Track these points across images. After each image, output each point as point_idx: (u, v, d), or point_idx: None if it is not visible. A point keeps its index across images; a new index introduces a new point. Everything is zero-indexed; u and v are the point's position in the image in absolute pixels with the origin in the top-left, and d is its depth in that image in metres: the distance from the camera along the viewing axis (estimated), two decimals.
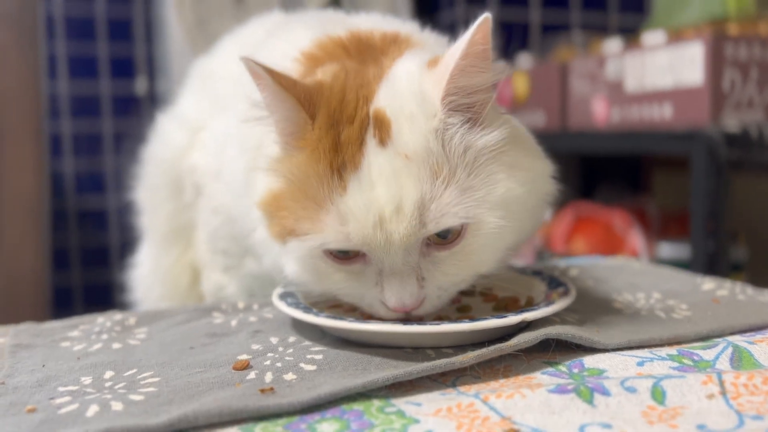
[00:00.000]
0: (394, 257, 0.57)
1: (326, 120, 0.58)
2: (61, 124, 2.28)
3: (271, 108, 0.60)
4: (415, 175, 0.56)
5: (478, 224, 0.57)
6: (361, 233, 0.56)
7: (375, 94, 0.59)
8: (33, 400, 0.50)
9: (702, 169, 1.32)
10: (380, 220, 0.55)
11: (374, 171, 0.56)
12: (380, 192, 0.56)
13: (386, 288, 0.58)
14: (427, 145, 0.57)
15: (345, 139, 0.57)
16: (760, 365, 0.54)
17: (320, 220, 0.57)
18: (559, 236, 1.74)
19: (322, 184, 0.57)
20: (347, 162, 0.57)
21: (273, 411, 0.47)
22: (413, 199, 0.55)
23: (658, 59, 1.45)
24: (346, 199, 0.56)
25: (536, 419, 0.46)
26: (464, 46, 0.56)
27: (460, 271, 0.59)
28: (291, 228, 0.59)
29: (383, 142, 0.57)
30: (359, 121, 0.58)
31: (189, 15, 1.87)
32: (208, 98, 0.84)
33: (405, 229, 0.55)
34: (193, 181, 0.82)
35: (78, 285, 2.32)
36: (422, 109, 0.58)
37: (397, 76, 0.60)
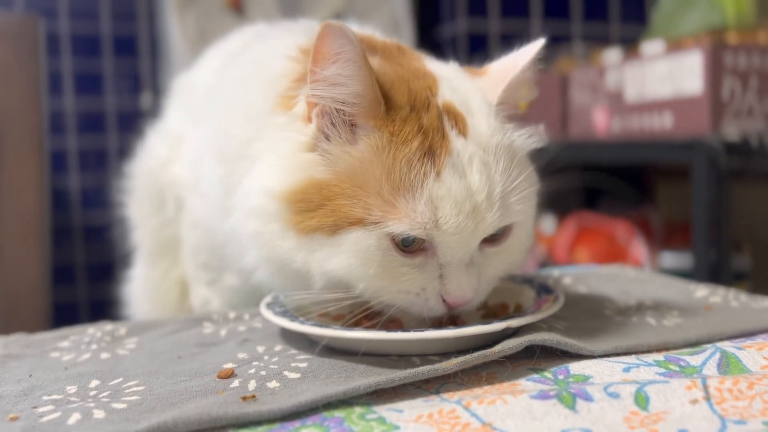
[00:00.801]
0: (470, 246, 0.58)
1: (406, 101, 0.58)
2: (67, 139, 2.30)
3: (343, 80, 0.56)
4: (495, 168, 0.58)
5: (522, 224, 0.61)
6: (456, 220, 0.56)
7: (437, 87, 0.61)
8: (16, 408, 0.51)
9: (703, 177, 1.31)
10: (474, 207, 0.56)
11: (464, 158, 0.57)
12: (473, 179, 0.57)
13: (451, 280, 0.58)
14: (498, 140, 0.59)
15: (427, 124, 0.57)
16: (748, 370, 0.54)
17: (402, 206, 0.55)
18: (561, 247, 1.74)
19: (411, 168, 0.55)
20: (436, 147, 0.56)
21: (253, 418, 0.47)
22: (499, 189, 0.57)
23: (657, 69, 1.45)
24: (441, 184, 0.55)
25: (517, 425, 0.45)
26: (528, 60, 0.61)
27: (503, 267, 0.63)
28: (358, 217, 0.55)
29: (463, 133, 0.58)
30: (435, 109, 0.59)
31: (192, 29, 1.89)
32: (189, 111, 0.84)
33: (492, 217, 0.57)
34: (174, 194, 0.82)
35: (83, 300, 2.32)
36: (488, 108, 0.61)
37: (444, 75, 0.63)
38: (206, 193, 0.72)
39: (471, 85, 0.63)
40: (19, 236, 1.43)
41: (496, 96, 0.62)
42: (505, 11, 2.12)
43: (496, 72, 0.64)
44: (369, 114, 0.57)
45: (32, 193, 1.42)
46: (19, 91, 1.35)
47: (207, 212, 0.73)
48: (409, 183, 0.55)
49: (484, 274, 0.60)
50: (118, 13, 2.31)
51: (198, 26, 1.94)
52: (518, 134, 0.62)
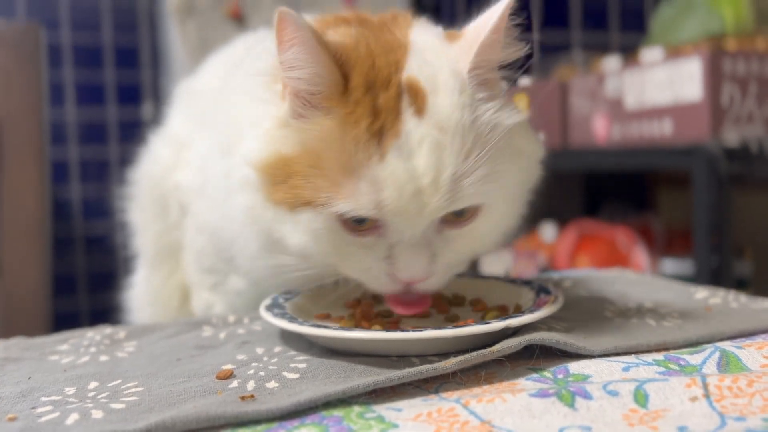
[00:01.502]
0: (416, 229, 0.57)
1: (362, 82, 0.57)
2: (69, 150, 2.30)
3: (300, 64, 0.57)
4: (450, 149, 0.56)
5: (491, 207, 0.59)
6: (397, 202, 0.55)
7: (405, 62, 0.60)
8: (15, 409, 0.51)
9: (703, 183, 1.32)
10: (417, 190, 0.56)
11: (413, 140, 0.56)
12: (419, 162, 0.56)
13: (400, 260, 0.58)
14: (461, 120, 0.57)
15: (382, 104, 0.57)
16: (748, 369, 0.53)
17: (348, 187, 0.56)
18: (563, 254, 1.74)
19: (357, 149, 0.55)
20: (386, 129, 0.56)
21: (252, 417, 0.47)
22: (449, 173, 0.56)
23: (656, 76, 1.45)
24: (385, 166, 0.55)
25: (515, 423, 0.45)
26: (496, 20, 0.58)
27: (467, 250, 0.61)
28: (308, 198, 0.57)
29: (420, 113, 0.57)
30: (394, 88, 0.58)
31: (193, 39, 1.90)
32: (193, 116, 0.84)
33: (438, 201, 0.56)
34: (178, 199, 0.83)
35: (84, 310, 2.32)
36: (454, 82, 0.59)
37: (421, 46, 0.61)
38: (213, 194, 0.73)
39: (445, 54, 0.61)
40: (21, 246, 1.43)
41: (468, 62, 0.59)
42: None
43: (469, 35, 0.61)
44: (327, 95, 0.58)
45: (33, 202, 1.42)
46: (20, 99, 1.36)
47: (213, 214, 0.73)
48: (356, 164, 0.55)
49: (442, 256, 0.60)
50: (119, 24, 2.32)
51: (199, 36, 1.95)
52: (491, 108, 0.59)
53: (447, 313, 0.68)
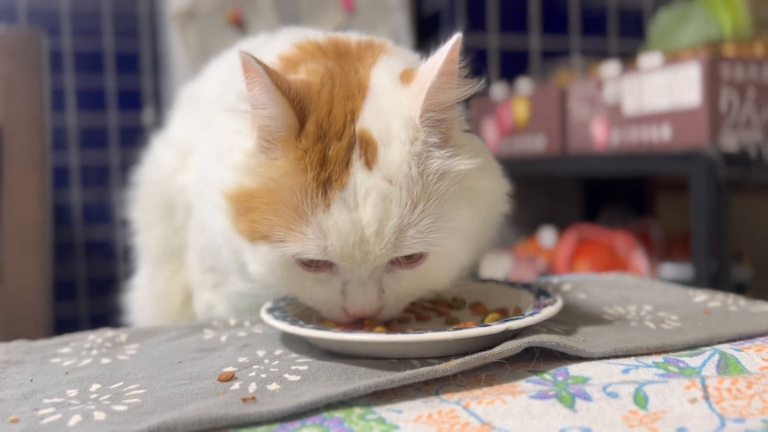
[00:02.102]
0: (363, 271, 0.60)
1: (315, 131, 0.59)
2: (69, 155, 2.31)
3: (260, 105, 0.60)
4: (396, 202, 0.58)
5: (441, 249, 0.61)
6: (341, 249, 0.58)
7: (360, 111, 0.61)
8: (17, 411, 0.51)
9: (702, 189, 1.32)
10: (360, 239, 0.58)
11: (360, 192, 0.58)
12: (364, 214, 0.58)
13: (350, 296, 0.61)
14: (409, 172, 0.59)
15: (333, 155, 0.59)
16: (747, 371, 0.54)
17: (298, 231, 0.58)
18: (562, 259, 1.74)
19: (306, 196, 0.58)
20: (333, 179, 0.58)
21: (253, 419, 0.47)
22: (393, 224, 0.58)
23: (655, 81, 1.46)
24: (330, 216, 0.58)
25: (515, 424, 0.46)
26: (440, 66, 0.59)
27: (417, 287, 0.64)
28: (264, 234, 0.60)
29: (369, 165, 0.59)
30: (347, 139, 0.59)
31: (194, 45, 1.91)
32: (196, 120, 0.85)
33: (381, 250, 0.58)
34: (184, 201, 0.83)
35: (85, 315, 2.33)
36: (405, 133, 0.60)
37: (377, 92, 0.62)
38: (210, 196, 0.73)
39: (398, 101, 0.62)
40: (21, 251, 1.43)
41: (419, 108, 0.60)
42: (504, 26, 2.14)
43: (420, 79, 0.62)
44: (283, 137, 0.60)
45: (34, 207, 1.43)
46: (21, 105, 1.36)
47: (210, 215, 0.74)
48: (304, 210, 0.58)
49: (391, 291, 0.62)
50: (120, 30, 2.33)
51: (200, 42, 1.95)
52: (443, 155, 0.61)
53: (447, 315, 0.69)
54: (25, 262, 1.47)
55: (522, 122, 1.87)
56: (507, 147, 1.94)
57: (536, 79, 2.00)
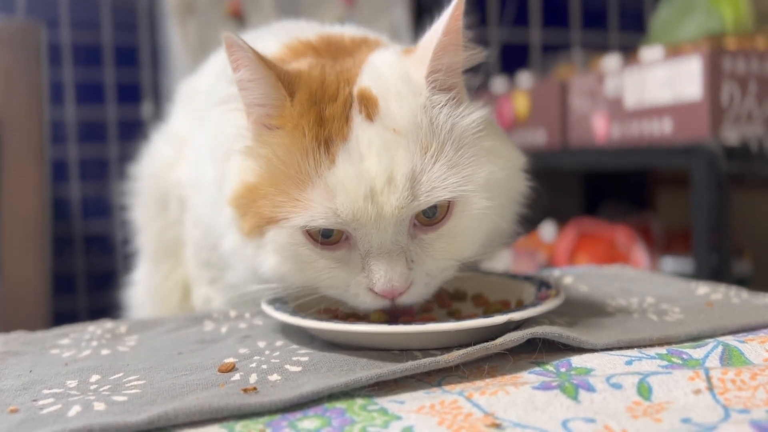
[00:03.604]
0: (383, 234, 0.56)
1: (307, 97, 0.58)
2: (68, 149, 2.30)
3: (249, 85, 0.59)
4: (405, 148, 0.56)
5: (464, 203, 0.57)
6: (351, 207, 0.55)
7: (357, 77, 0.60)
8: (16, 401, 0.50)
9: (703, 182, 1.32)
10: (371, 192, 0.55)
11: (363, 143, 0.56)
12: (371, 163, 0.55)
13: (374, 270, 0.56)
14: (415, 120, 0.57)
15: (329, 114, 0.57)
16: (750, 363, 0.53)
17: (304, 199, 0.56)
18: (562, 253, 1.74)
19: (307, 159, 0.56)
20: (334, 135, 0.56)
21: (254, 409, 0.47)
22: (405, 171, 0.55)
23: (656, 74, 1.45)
24: (335, 172, 0.55)
25: (519, 415, 0.45)
26: (446, 22, 0.57)
27: (447, 255, 0.59)
28: (270, 216, 0.57)
29: (371, 117, 0.57)
30: (342, 99, 0.58)
31: (193, 38, 1.90)
32: (192, 114, 0.85)
33: (397, 200, 0.55)
34: (179, 195, 0.83)
35: (84, 309, 2.32)
36: (408, 88, 0.59)
37: (377, 63, 0.62)
38: (205, 191, 0.73)
39: (400, 66, 0.61)
40: (20, 245, 1.43)
41: (425, 68, 0.59)
42: (505, 20, 2.13)
43: (423, 45, 0.61)
44: (276, 113, 0.59)
45: (33, 201, 1.42)
46: (20, 98, 1.35)
47: (206, 210, 0.74)
48: (307, 174, 0.56)
49: (420, 263, 0.58)
50: (119, 23, 2.32)
51: (199, 36, 1.95)
52: (450, 110, 0.59)
53: (449, 307, 0.68)
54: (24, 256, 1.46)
55: (522, 116, 1.86)
56: None
57: (537, 72, 1.99)
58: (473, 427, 0.44)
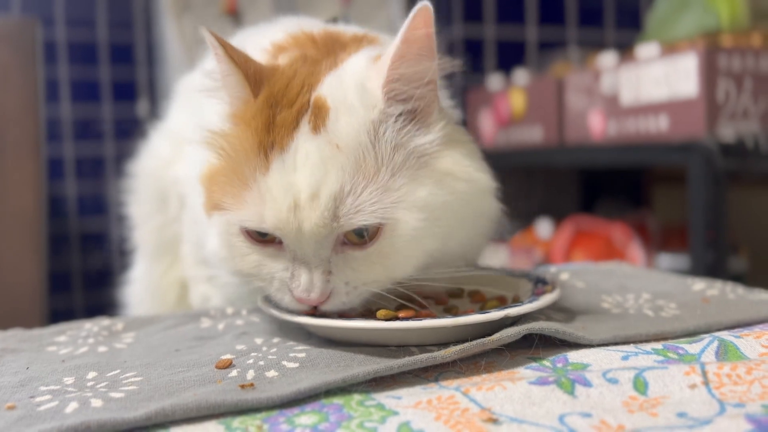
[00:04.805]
0: (305, 247, 0.57)
1: (265, 100, 0.59)
2: (64, 147, 2.30)
3: (225, 80, 0.61)
4: (339, 166, 0.56)
5: (394, 226, 0.57)
6: (276, 216, 0.56)
7: (320, 83, 0.60)
8: (13, 398, 0.50)
9: (699, 179, 1.32)
10: (294, 204, 0.55)
11: (300, 155, 0.56)
12: (300, 176, 0.56)
13: (295, 276, 0.58)
14: (358, 138, 0.57)
15: (280, 121, 0.58)
16: (746, 357, 0.54)
17: (241, 198, 0.57)
18: (559, 250, 1.74)
19: (249, 162, 0.57)
20: (276, 143, 0.57)
21: (251, 405, 0.47)
22: (331, 190, 0.55)
23: (652, 72, 1.45)
24: (267, 179, 0.56)
25: (516, 409, 0.45)
26: (403, 31, 0.56)
27: (372, 272, 0.59)
28: (216, 202, 0.60)
29: (317, 129, 0.57)
30: (299, 106, 0.59)
31: (189, 36, 1.90)
32: (190, 111, 0.84)
33: (317, 218, 0.55)
34: (177, 192, 0.83)
35: (80, 307, 2.32)
36: (362, 101, 0.58)
37: (345, 68, 0.62)
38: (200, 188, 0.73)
39: (362, 74, 0.60)
40: (16, 242, 1.43)
41: (382, 78, 0.58)
42: (501, 17, 2.13)
43: (385, 53, 0.59)
44: (237, 108, 0.61)
45: (30, 198, 1.42)
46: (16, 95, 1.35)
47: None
48: (246, 176, 0.57)
49: (340, 275, 0.58)
50: (114, 21, 2.31)
51: (195, 33, 1.94)
52: (404, 127, 0.58)
53: (445, 304, 0.68)
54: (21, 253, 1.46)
55: (519, 113, 1.86)
56: (504, 138, 1.94)
57: (533, 69, 1.99)
58: (470, 422, 0.44)
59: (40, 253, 1.52)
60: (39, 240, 1.52)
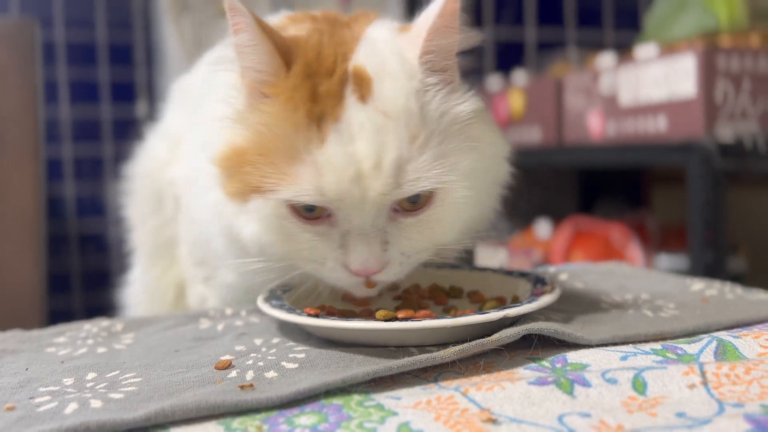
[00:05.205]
0: (364, 217, 0.57)
1: (303, 69, 0.58)
2: (62, 148, 2.30)
3: (246, 50, 0.59)
4: (394, 134, 0.56)
5: (446, 192, 0.58)
6: (337, 187, 0.55)
7: (353, 52, 0.60)
8: (13, 399, 0.50)
9: (698, 179, 1.32)
10: (358, 174, 0.55)
11: (355, 125, 0.56)
12: (360, 146, 0.55)
13: (351, 250, 0.57)
14: (407, 105, 0.57)
15: (323, 91, 0.57)
16: (744, 357, 0.54)
17: (292, 173, 0.56)
18: (558, 250, 1.74)
19: (297, 134, 0.56)
20: (326, 113, 0.56)
21: (251, 405, 0.47)
22: (392, 157, 0.55)
23: (651, 72, 1.46)
24: (324, 151, 0.55)
25: (515, 410, 0.46)
26: (441, 4, 0.57)
27: (424, 238, 0.60)
28: (256, 185, 0.57)
29: (364, 98, 0.57)
30: (338, 76, 0.58)
31: (187, 37, 1.90)
32: (187, 111, 0.84)
33: (381, 186, 0.55)
34: (173, 193, 0.83)
35: (79, 308, 2.32)
36: (403, 69, 0.59)
37: (373, 38, 0.61)
38: (199, 188, 0.73)
39: (395, 44, 0.61)
40: (15, 243, 1.43)
41: (418, 49, 0.59)
42: (500, 18, 2.13)
43: (419, 24, 0.61)
44: (270, 81, 0.59)
45: (29, 199, 1.42)
46: (15, 96, 1.35)
47: (198, 200, 0.73)
48: (297, 150, 0.56)
49: (396, 244, 0.58)
50: (113, 22, 2.31)
51: (194, 34, 1.95)
52: (442, 95, 0.59)
53: (445, 304, 0.68)
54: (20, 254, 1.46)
55: (518, 114, 1.86)
56: None
57: (532, 70, 2.00)
58: (469, 422, 0.44)
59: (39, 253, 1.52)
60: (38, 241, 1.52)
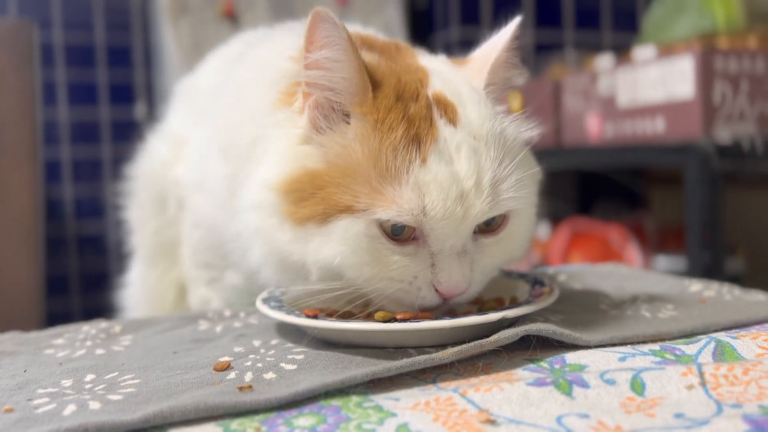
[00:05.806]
0: (459, 236, 0.57)
1: (393, 92, 0.59)
2: (61, 150, 2.29)
3: (331, 65, 0.57)
4: (486, 155, 0.58)
5: (520, 212, 0.61)
6: (442, 206, 0.56)
7: (428, 80, 0.62)
8: (11, 401, 0.50)
9: (696, 180, 1.32)
10: (461, 194, 0.56)
11: (452, 146, 0.57)
12: (461, 166, 0.57)
13: (443, 268, 0.58)
14: (492, 129, 0.59)
15: (414, 113, 0.58)
16: (743, 358, 0.54)
17: (390, 193, 0.55)
18: (556, 252, 1.74)
19: (396, 155, 0.56)
20: (422, 135, 0.57)
21: (250, 407, 0.47)
22: (489, 177, 0.58)
23: (649, 74, 1.46)
24: (427, 171, 0.56)
25: (513, 411, 0.46)
26: (508, 39, 0.62)
27: (502, 256, 0.62)
28: (346, 204, 0.56)
29: (453, 122, 0.59)
30: (424, 100, 0.59)
31: (186, 39, 1.90)
32: (191, 112, 0.84)
33: (482, 204, 0.57)
34: (177, 194, 0.82)
35: (77, 310, 2.32)
36: (476, 97, 0.61)
37: (436, 69, 0.64)
38: (212, 190, 0.72)
39: (459, 75, 0.64)
40: (14, 245, 1.43)
41: (483, 80, 0.63)
42: (498, 19, 2.14)
43: (480, 57, 0.65)
44: (357, 101, 0.58)
45: (27, 201, 1.42)
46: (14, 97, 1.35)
47: (212, 210, 0.73)
48: (395, 170, 0.56)
49: (478, 264, 0.60)
50: (112, 24, 2.31)
51: (192, 36, 1.94)
52: (510, 121, 0.62)
53: None
54: (18, 256, 1.46)
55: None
56: None
57: (530, 72, 2.00)
58: (468, 423, 0.44)
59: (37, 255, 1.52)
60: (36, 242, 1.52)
